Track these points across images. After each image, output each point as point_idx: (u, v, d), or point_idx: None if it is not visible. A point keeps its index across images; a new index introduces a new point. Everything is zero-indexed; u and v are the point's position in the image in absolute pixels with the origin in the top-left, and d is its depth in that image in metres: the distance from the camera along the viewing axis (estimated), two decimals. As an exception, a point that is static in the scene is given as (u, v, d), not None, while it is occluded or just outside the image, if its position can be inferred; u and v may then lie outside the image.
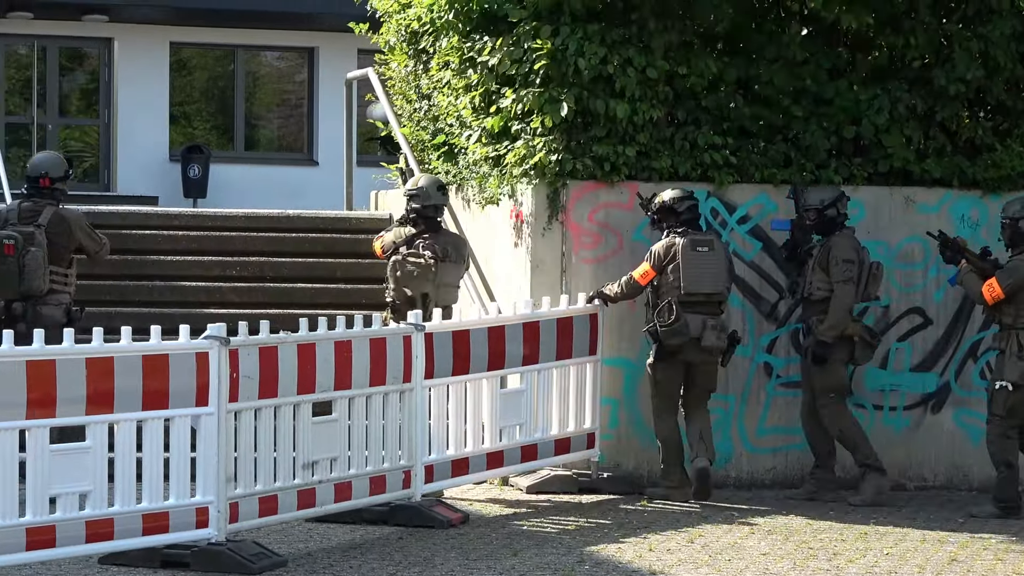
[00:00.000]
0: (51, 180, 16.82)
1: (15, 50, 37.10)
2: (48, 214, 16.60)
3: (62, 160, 17.56)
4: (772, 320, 17.69)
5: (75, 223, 16.89)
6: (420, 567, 13.40)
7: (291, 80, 38.74)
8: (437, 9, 18.42)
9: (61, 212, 16.75)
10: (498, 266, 18.22)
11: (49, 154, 18.98)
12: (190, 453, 13.07)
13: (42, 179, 16.83)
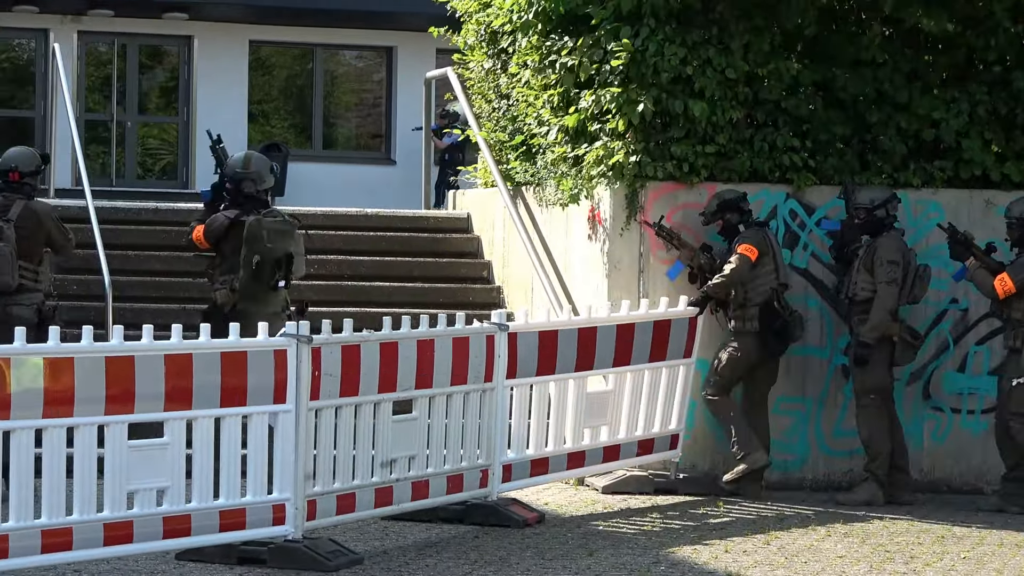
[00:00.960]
0: (20, 174, 16.63)
1: (96, 47, 37.25)
2: (18, 208, 16.37)
3: (34, 154, 17.35)
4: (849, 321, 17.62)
5: (45, 216, 16.65)
6: (496, 566, 13.40)
7: (369, 79, 38.81)
8: (517, 9, 18.43)
9: (31, 206, 16.53)
10: (575, 266, 18.20)
11: (20, 149, 18.77)
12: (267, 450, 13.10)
13: (11, 173, 16.63)
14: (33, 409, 11.55)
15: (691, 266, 17.21)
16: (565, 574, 13.17)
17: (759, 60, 17.71)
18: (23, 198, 16.42)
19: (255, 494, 12.97)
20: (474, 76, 20.78)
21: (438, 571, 13.19)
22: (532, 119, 18.95)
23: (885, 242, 16.83)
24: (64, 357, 11.81)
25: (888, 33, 18.33)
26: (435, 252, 21.02)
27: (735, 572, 13.48)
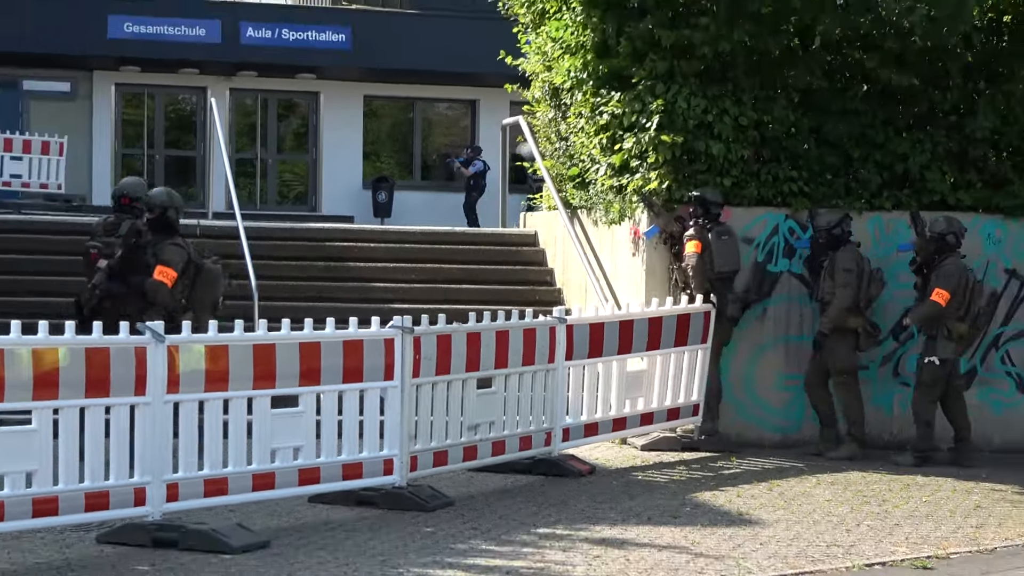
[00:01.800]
0: (130, 199, 16.25)
1: (243, 101, 37.45)
2: (126, 226, 15.95)
3: (142, 183, 17.15)
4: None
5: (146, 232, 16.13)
6: (557, 508, 13.46)
7: (457, 125, 38.90)
8: (574, 71, 18.49)
9: (136, 224, 16.02)
10: (619, 272, 18.23)
11: (132, 179, 18.69)
12: (379, 417, 13.20)
13: (123, 198, 16.33)
14: (197, 386, 11.70)
15: (665, 231, 17.34)
16: (612, 513, 13.21)
17: (765, 110, 17.72)
18: (131, 218, 16.15)
19: (370, 451, 13.06)
20: (540, 123, 20.80)
21: (512, 511, 13.26)
22: (585, 157, 18.97)
23: (842, 254, 16.83)
24: (220, 345, 11.95)
25: (867, 88, 18.30)
26: (509, 261, 21.07)
27: (745, 512, 13.50)
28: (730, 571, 11.03)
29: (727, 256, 17.06)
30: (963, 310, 16.51)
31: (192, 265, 15.32)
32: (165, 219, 15.55)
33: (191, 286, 15.30)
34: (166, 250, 15.21)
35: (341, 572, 10.66)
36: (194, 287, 15.32)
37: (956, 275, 16.46)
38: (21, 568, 10.67)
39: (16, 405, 10.70)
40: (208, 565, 10.81)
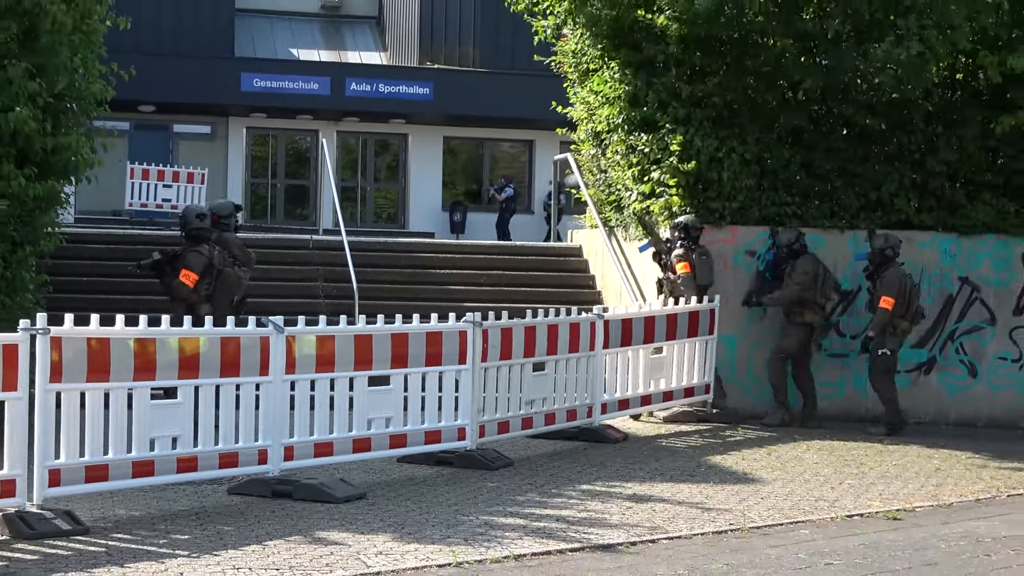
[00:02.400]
0: (218, 217, 16.30)
1: (347, 141, 37.51)
2: (213, 237, 15.98)
3: (230, 204, 17.14)
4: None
5: (231, 242, 16.25)
6: (597, 468, 13.35)
7: (517, 160, 38.81)
8: (612, 117, 18.40)
9: (223, 236, 16.12)
10: (647, 279, 18.08)
11: (222, 200, 18.77)
12: (454, 393, 13.12)
13: (213, 216, 16.28)
14: (309, 368, 11.64)
15: (657, 248, 17.17)
16: (641, 472, 13.10)
17: (765, 147, 17.60)
18: (218, 232, 16.18)
19: (446, 421, 12.99)
20: (584, 159, 20.70)
21: (560, 470, 13.16)
22: (620, 186, 18.89)
23: (800, 262, 16.76)
24: (328, 335, 11.89)
25: (847, 131, 18.18)
26: (559, 269, 20.99)
27: (748, 471, 13.37)
28: (737, 520, 10.90)
29: (704, 273, 16.94)
30: (904, 308, 16.39)
31: (214, 270, 15.39)
32: (199, 231, 15.67)
33: (213, 286, 15.36)
34: (188, 257, 15.35)
35: (423, 519, 10.58)
36: (216, 288, 15.36)
37: (896, 282, 16.31)
38: (168, 513, 10.63)
39: (165, 383, 10.69)
40: (316, 512, 10.75)
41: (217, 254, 15.58)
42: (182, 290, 15.19)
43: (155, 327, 10.68)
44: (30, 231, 14.02)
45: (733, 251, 17.35)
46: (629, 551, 9.78)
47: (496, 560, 9.30)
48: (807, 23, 17.00)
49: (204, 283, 15.31)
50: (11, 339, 9.66)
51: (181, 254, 15.43)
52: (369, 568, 8.95)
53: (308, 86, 35.11)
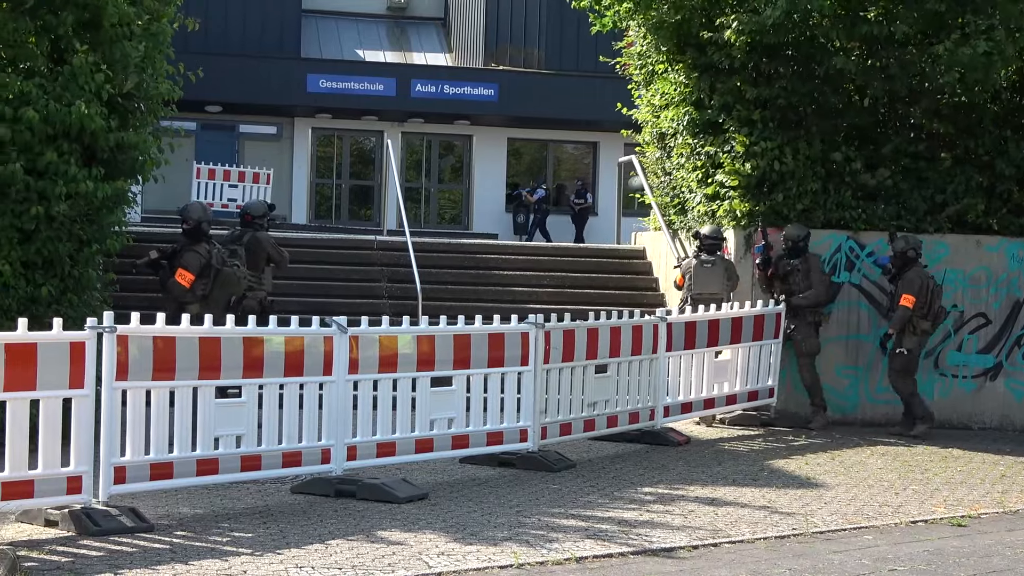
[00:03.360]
0: (252, 216, 16.34)
1: (411, 142, 37.59)
2: (247, 237, 16.12)
3: (263, 203, 17.19)
4: (887, 319, 17.27)
5: (264, 242, 16.26)
6: (659, 471, 13.32)
7: (581, 162, 38.77)
8: (676, 119, 18.37)
9: (256, 236, 16.16)
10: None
11: (255, 200, 18.80)
12: (517, 395, 13.12)
13: (247, 215, 16.42)
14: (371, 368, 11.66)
15: None
16: (703, 476, 13.05)
17: (830, 150, 17.50)
18: (252, 231, 16.25)
19: (509, 422, 12.99)
20: (648, 161, 20.67)
21: (623, 473, 13.13)
22: (685, 188, 18.86)
23: (815, 260, 16.85)
24: (391, 335, 11.91)
25: (914, 133, 18.04)
26: (622, 271, 20.95)
27: (812, 475, 13.29)
28: (800, 525, 10.83)
29: (702, 283, 16.99)
30: (925, 309, 16.36)
31: (212, 269, 15.17)
32: (199, 229, 15.35)
33: (210, 286, 15.17)
34: (185, 256, 15.07)
35: (485, 520, 10.58)
36: (212, 287, 15.19)
37: (917, 282, 16.29)
38: (231, 511, 10.69)
39: (230, 382, 10.76)
40: (379, 512, 10.78)
41: (216, 253, 15.35)
42: (177, 289, 14.94)
43: (220, 326, 10.76)
44: (97, 230, 14.14)
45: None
46: (691, 555, 9.74)
47: (557, 562, 9.29)
48: (872, 26, 16.88)
49: (200, 283, 15.10)
50: (78, 337, 9.75)
51: (179, 252, 15.20)
52: (431, 568, 8.96)
53: (373, 87, 35.23)
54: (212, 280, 15.11)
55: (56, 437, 9.60)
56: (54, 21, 13.32)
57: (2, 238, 13.05)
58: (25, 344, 9.47)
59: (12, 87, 12.87)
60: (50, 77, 13.29)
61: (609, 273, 20.84)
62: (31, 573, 8.38)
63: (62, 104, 13.02)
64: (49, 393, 9.59)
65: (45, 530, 9.67)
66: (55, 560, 8.82)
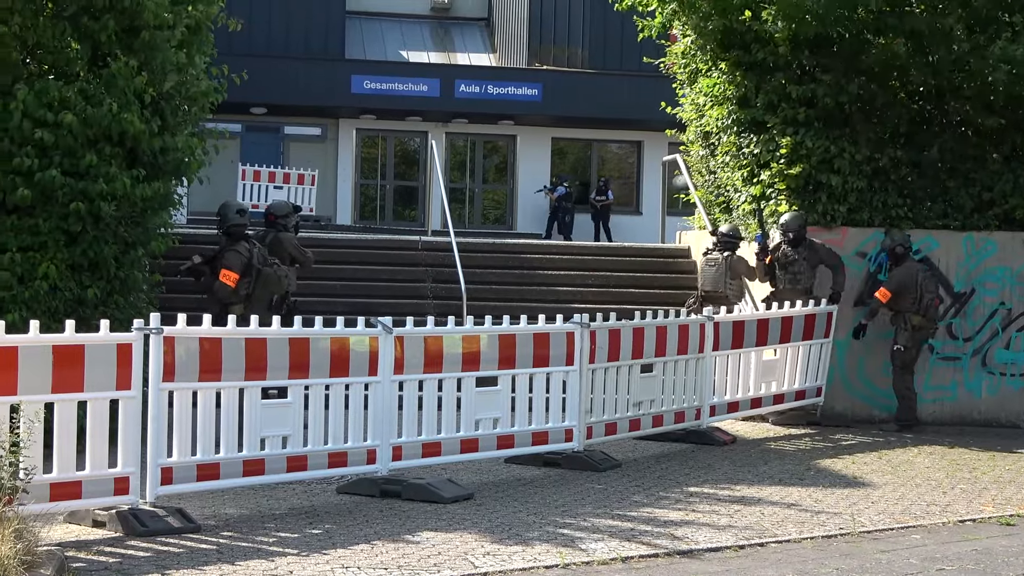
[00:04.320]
0: (275, 216, 16.22)
1: (456, 142, 37.62)
2: (270, 237, 15.99)
3: (287, 204, 17.04)
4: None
5: (287, 242, 16.09)
6: (705, 470, 13.29)
7: (625, 162, 38.72)
8: (721, 118, 18.33)
9: (279, 236, 16.02)
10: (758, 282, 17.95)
11: (279, 200, 18.71)
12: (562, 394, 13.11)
13: (270, 215, 16.32)
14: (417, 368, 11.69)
15: None
16: (749, 475, 13.02)
17: (876, 148, 17.41)
18: (275, 231, 16.15)
19: (554, 422, 12.99)
20: (693, 160, 20.62)
21: (668, 472, 13.11)
22: (730, 187, 18.80)
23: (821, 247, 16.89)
24: (436, 336, 11.93)
25: (961, 130, 17.92)
26: (667, 270, 20.88)
27: (859, 475, 13.23)
28: (847, 524, 10.79)
29: (709, 280, 17.32)
30: (916, 305, 16.45)
31: (253, 269, 14.99)
32: (237, 228, 15.15)
33: (252, 285, 15.00)
34: (228, 256, 14.89)
35: (531, 520, 10.58)
36: (255, 286, 15.03)
37: (900, 278, 16.46)
38: (277, 512, 10.73)
39: (276, 383, 10.80)
40: (424, 512, 10.80)
41: (257, 252, 15.22)
42: (224, 290, 14.76)
43: (265, 327, 10.81)
44: (142, 232, 14.23)
45: (842, 253, 17.13)
46: (737, 555, 9.72)
47: (603, 562, 9.28)
48: (920, 20, 16.78)
49: (244, 282, 14.93)
50: (125, 339, 9.81)
51: (220, 253, 15.12)
52: (476, 568, 8.97)
53: (417, 88, 35.29)
54: (254, 280, 15.04)
55: (103, 438, 9.67)
56: (94, 26, 13.41)
57: (48, 240, 13.16)
58: (72, 346, 9.54)
59: (53, 92, 12.96)
60: (90, 82, 13.36)
61: (654, 272, 20.78)
62: (79, 573, 8.44)
63: (102, 108, 13.10)
64: (96, 395, 9.66)
65: (93, 531, 9.73)
66: (103, 560, 8.88)
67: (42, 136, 12.87)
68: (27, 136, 12.90)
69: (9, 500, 8.48)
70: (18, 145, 12.94)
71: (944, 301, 17.10)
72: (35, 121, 12.91)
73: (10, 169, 12.93)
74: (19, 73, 13.30)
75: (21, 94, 12.86)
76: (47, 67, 13.59)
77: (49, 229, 13.15)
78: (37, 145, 12.95)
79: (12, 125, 12.87)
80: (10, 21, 12.96)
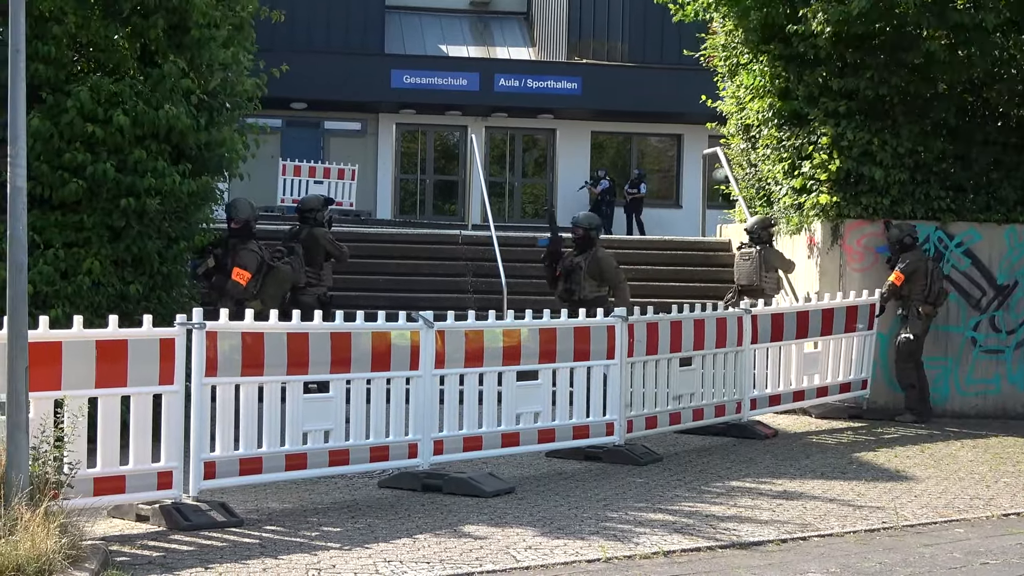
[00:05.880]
0: (307, 211, 16.20)
1: (494, 135, 37.64)
2: (304, 233, 16.05)
3: (319, 198, 16.93)
4: (976, 309, 17.18)
5: (320, 237, 16.11)
6: (746, 464, 13.26)
7: (665, 155, 38.64)
8: (762, 111, 18.27)
9: (313, 231, 16.06)
10: (798, 273, 17.87)
11: (312, 195, 18.62)
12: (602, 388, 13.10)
13: (302, 210, 16.32)
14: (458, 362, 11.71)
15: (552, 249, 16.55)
16: (791, 469, 12.98)
17: (918, 140, 17.32)
18: (309, 227, 16.18)
19: (594, 416, 12.98)
20: (734, 153, 20.55)
21: (709, 466, 13.10)
22: (771, 180, 18.74)
23: None
24: (476, 330, 11.94)
25: (1004, 122, 17.82)
26: (707, 264, 20.85)
27: (901, 469, 13.18)
28: (890, 518, 10.74)
29: (743, 274, 17.41)
30: (926, 292, 16.47)
31: (265, 265, 14.92)
32: (248, 227, 15.02)
33: (263, 282, 14.90)
34: (242, 255, 14.77)
35: (572, 514, 10.59)
36: (265, 283, 14.92)
37: (913, 263, 16.50)
38: (319, 506, 10.77)
39: (318, 377, 10.84)
40: (466, 506, 10.82)
41: (267, 250, 15.14)
42: (237, 289, 14.64)
43: (307, 322, 10.85)
44: (185, 227, 14.30)
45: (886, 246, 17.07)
46: (779, 548, 9.69)
47: (645, 556, 9.28)
48: (962, 14, 16.68)
49: (255, 280, 14.83)
50: (167, 333, 9.87)
51: (232, 252, 14.87)
52: (519, 563, 8.98)
53: (457, 82, 35.32)
54: (264, 277, 14.93)
55: (146, 433, 9.72)
56: (144, 25, 13.51)
57: (93, 236, 13.25)
58: (116, 341, 9.60)
59: (104, 89, 13.06)
60: (140, 79, 13.46)
61: (694, 266, 20.74)
62: (123, 568, 8.49)
63: (151, 106, 13.20)
64: (139, 389, 9.71)
65: (136, 525, 9.79)
66: (146, 555, 8.94)
67: (94, 131, 12.98)
68: (77, 132, 13.01)
69: (54, 495, 8.55)
70: (67, 141, 13.05)
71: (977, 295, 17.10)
72: (86, 118, 13.02)
73: (59, 165, 13.05)
74: (72, 71, 13.43)
75: (81, 92, 12.96)
76: (96, 65, 13.69)
77: (93, 225, 13.24)
78: (87, 141, 13.06)
79: (64, 122, 12.98)
80: (65, 21, 13.09)
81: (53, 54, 13.07)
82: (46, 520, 8.10)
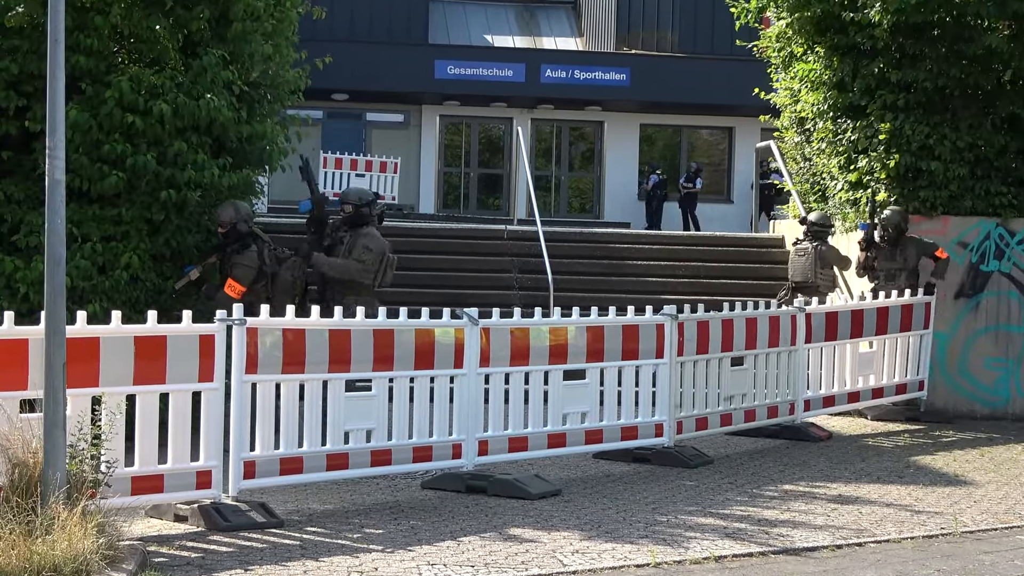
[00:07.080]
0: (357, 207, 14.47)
1: (541, 128, 37.56)
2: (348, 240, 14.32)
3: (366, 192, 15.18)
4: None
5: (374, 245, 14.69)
6: (800, 467, 13.20)
7: (716, 148, 38.50)
8: (817, 103, 18.18)
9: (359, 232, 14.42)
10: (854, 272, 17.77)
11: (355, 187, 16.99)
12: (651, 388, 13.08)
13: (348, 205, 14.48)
14: (503, 361, 11.70)
15: None
16: (846, 473, 12.91)
17: (978, 134, 17.20)
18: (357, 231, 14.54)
19: (643, 417, 12.97)
20: (787, 146, 20.48)
21: (761, 469, 13.05)
22: (826, 175, 18.66)
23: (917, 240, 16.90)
24: (522, 327, 11.93)
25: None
26: (760, 260, 20.77)
27: (960, 473, 13.09)
28: (948, 524, 10.67)
29: (798, 271, 17.33)
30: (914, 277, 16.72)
31: (266, 275, 13.95)
32: (236, 230, 13.86)
33: (269, 289, 13.94)
34: (235, 270, 13.81)
35: (620, 517, 10.56)
36: (272, 290, 13.93)
37: None
38: (361, 507, 10.79)
39: (360, 375, 10.84)
40: (511, 509, 10.81)
41: (268, 254, 14.04)
42: (225, 301, 13.08)
43: (350, 318, 10.85)
44: (224, 221, 14.33)
45: (944, 242, 16.97)
46: (834, 555, 9.64)
47: (696, 561, 9.24)
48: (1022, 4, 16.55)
49: (260, 285, 13.90)
50: (207, 330, 9.89)
51: (228, 262, 13.89)
52: (565, 567, 8.96)
53: (502, 73, 35.28)
54: (270, 283, 14.06)
55: (185, 431, 9.76)
56: (187, 16, 13.58)
57: (131, 230, 13.32)
58: (154, 337, 9.63)
59: (145, 80, 13.13)
60: (181, 71, 13.52)
61: (747, 263, 20.68)
62: (161, 569, 8.52)
63: (192, 98, 13.25)
64: (178, 387, 9.75)
65: (175, 525, 9.83)
66: (185, 556, 8.97)
67: (133, 122, 13.04)
68: (116, 124, 13.07)
69: (92, 494, 8.58)
70: (106, 133, 13.12)
71: None
72: (125, 108, 13.08)
73: (98, 157, 13.13)
74: (113, 62, 13.50)
75: (122, 82, 13.02)
76: (137, 56, 13.76)
77: (132, 218, 13.31)
78: (126, 132, 13.12)
79: (103, 113, 13.05)
80: (109, 12, 13.16)
81: (95, 46, 13.14)
82: (83, 520, 8.14)
